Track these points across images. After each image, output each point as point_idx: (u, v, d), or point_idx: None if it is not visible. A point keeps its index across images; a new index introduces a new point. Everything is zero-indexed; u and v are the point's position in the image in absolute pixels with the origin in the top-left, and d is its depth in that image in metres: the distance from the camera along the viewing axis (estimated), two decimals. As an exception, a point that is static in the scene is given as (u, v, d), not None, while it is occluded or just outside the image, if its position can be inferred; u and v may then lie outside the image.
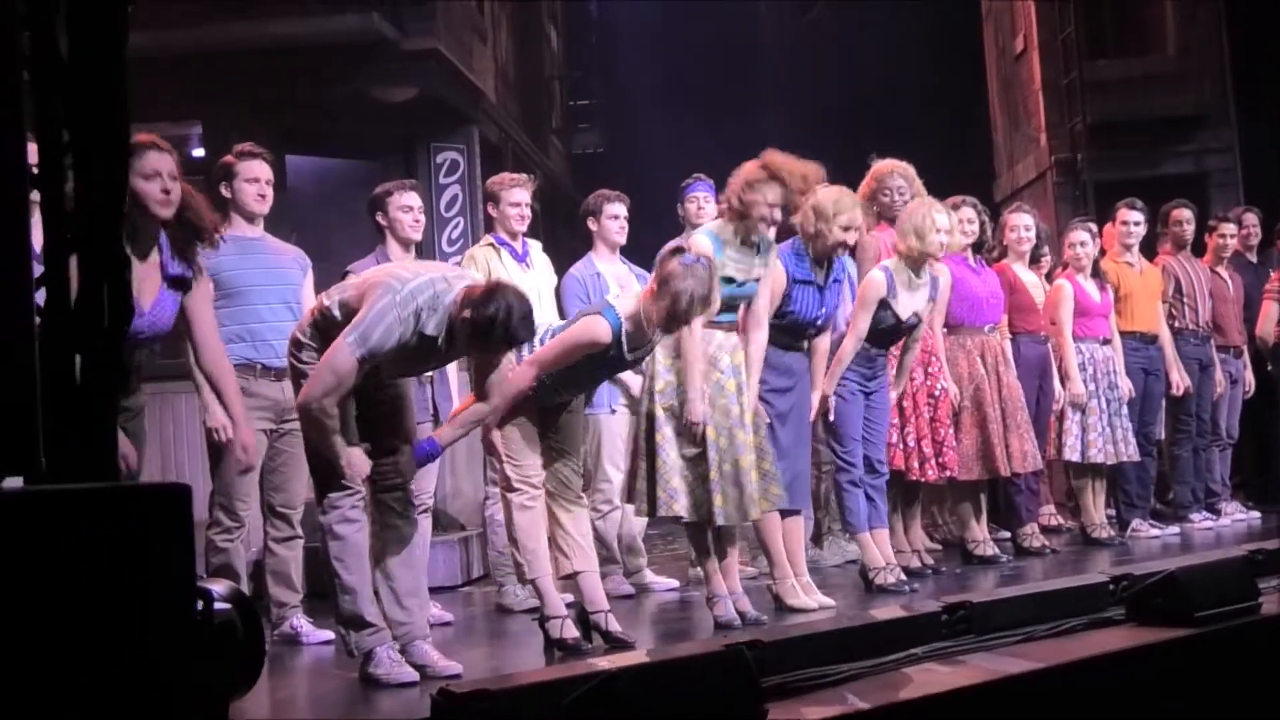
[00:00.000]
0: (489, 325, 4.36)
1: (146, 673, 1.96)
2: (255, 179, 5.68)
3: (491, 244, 6.55)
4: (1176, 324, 8.39)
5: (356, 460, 4.60)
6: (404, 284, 4.48)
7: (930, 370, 6.76)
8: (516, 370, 5.14)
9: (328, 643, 5.43)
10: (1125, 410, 7.78)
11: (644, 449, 5.48)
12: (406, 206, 6.18)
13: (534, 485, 5.23)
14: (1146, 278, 8.21)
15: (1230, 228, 8.88)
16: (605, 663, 4.14)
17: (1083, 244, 7.80)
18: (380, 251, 6.24)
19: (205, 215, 4.73)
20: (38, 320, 2.60)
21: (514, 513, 5.23)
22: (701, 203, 6.86)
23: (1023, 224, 7.69)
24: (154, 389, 7.09)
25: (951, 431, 6.79)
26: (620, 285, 6.36)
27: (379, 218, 6.24)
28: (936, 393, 6.74)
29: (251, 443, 5.05)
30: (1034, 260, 7.88)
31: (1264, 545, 6.61)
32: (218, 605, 2.33)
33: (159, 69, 8.02)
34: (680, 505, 5.40)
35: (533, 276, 6.36)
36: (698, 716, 3.66)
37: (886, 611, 5.25)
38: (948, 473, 6.77)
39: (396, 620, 4.65)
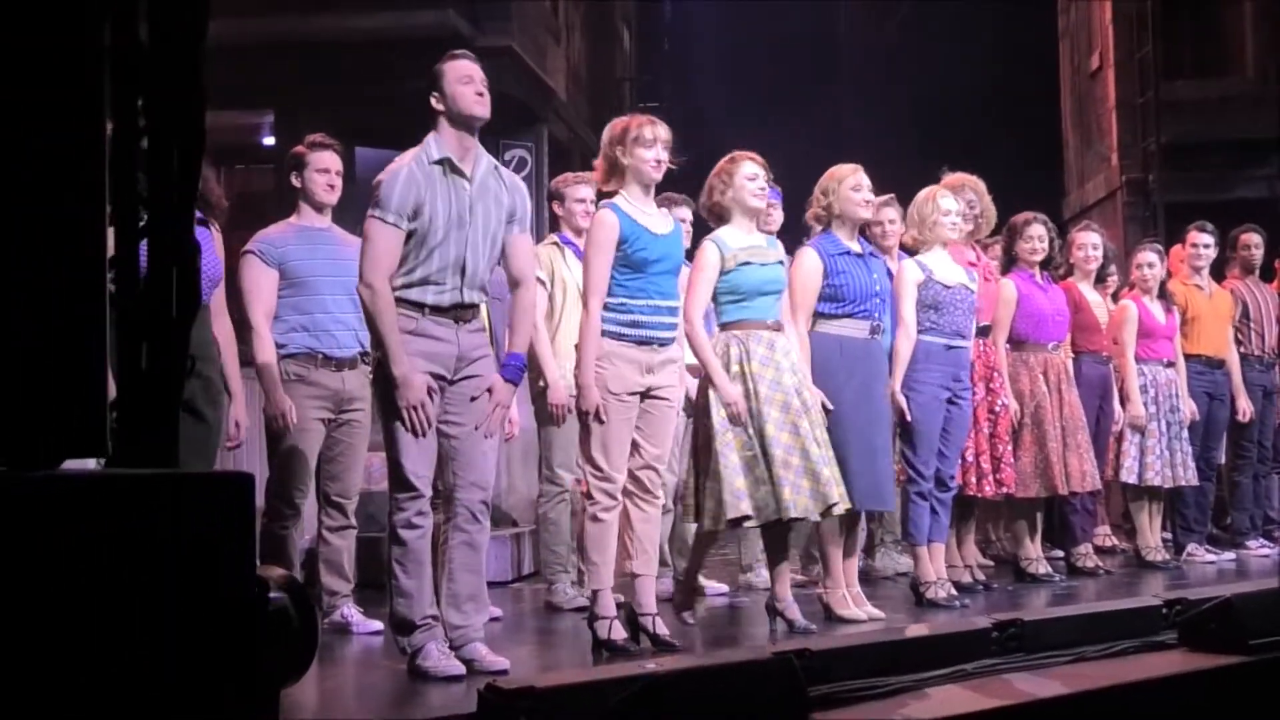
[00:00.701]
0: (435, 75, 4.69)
1: (205, 659, 1.99)
2: (325, 169, 5.72)
3: (556, 243, 6.57)
4: (1242, 349, 8.31)
5: (415, 382, 4.55)
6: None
7: (991, 386, 6.71)
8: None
9: (377, 633, 5.47)
10: (1185, 434, 7.72)
11: (703, 458, 5.42)
12: None
13: (613, 496, 5.13)
14: (1215, 301, 8.15)
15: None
16: (653, 665, 4.14)
17: (1150, 265, 7.75)
18: None
19: (211, 186, 4.86)
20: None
21: (588, 521, 5.19)
22: (769, 209, 6.82)
23: (1090, 242, 7.62)
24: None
25: (1010, 448, 6.75)
26: None
27: None
28: (997, 409, 6.69)
29: (244, 420, 5.21)
30: (1100, 280, 7.83)
31: (1321, 576, 6.55)
32: (272, 594, 2.36)
33: (234, 57, 8.11)
34: (746, 505, 5.30)
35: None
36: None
37: (937, 626, 5.23)
38: (1005, 489, 6.72)
39: (452, 623, 4.65)
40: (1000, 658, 4.92)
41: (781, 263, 5.63)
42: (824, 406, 5.60)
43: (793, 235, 7.00)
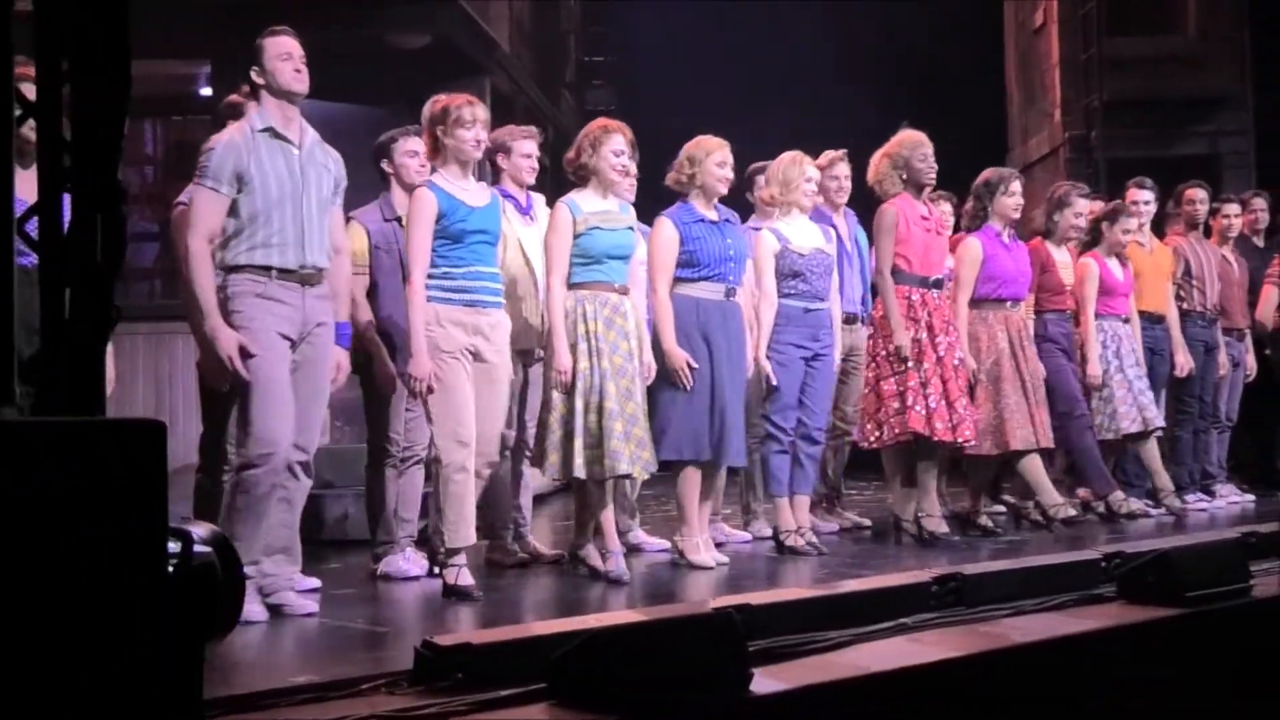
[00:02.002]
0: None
1: (114, 611, 1.94)
2: (287, 54, 5.12)
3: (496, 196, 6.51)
4: (1185, 305, 8.36)
5: (223, 337, 4.80)
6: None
7: (950, 339, 6.71)
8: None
9: (315, 590, 5.44)
10: (1147, 380, 7.81)
11: (545, 411, 5.82)
12: (412, 152, 6.16)
13: (466, 448, 5.40)
14: (1156, 257, 8.19)
15: (1234, 208, 8.84)
16: (593, 621, 4.12)
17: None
18: (385, 199, 6.22)
19: None
20: (33, 255, 2.57)
21: (442, 481, 5.42)
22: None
23: (1081, 211, 7.65)
24: (149, 329, 7.09)
25: (968, 403, 6.74)
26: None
27: (384, 164, 6.24)
28: (955, 363, 6.69)
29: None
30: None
31: (1258, 528, 6.59)
32: (197, 548, 2.30)
33: (169, 7, 7.96)
34: (578, 463, 5.68)
35: (537, 230, 6.32)
36: (683, 677, 3.64)
37: (876, 581, 5.23)
38: (964, 440, 6.69)
39: (266, 572, 4.94)
40: (939, 611, 4.94)
41: (631, 228, 5.95)
42: (689, 365, 5.95)
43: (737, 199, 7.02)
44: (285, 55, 5.03)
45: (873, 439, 6.72)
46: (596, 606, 5.21)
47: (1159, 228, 8.57)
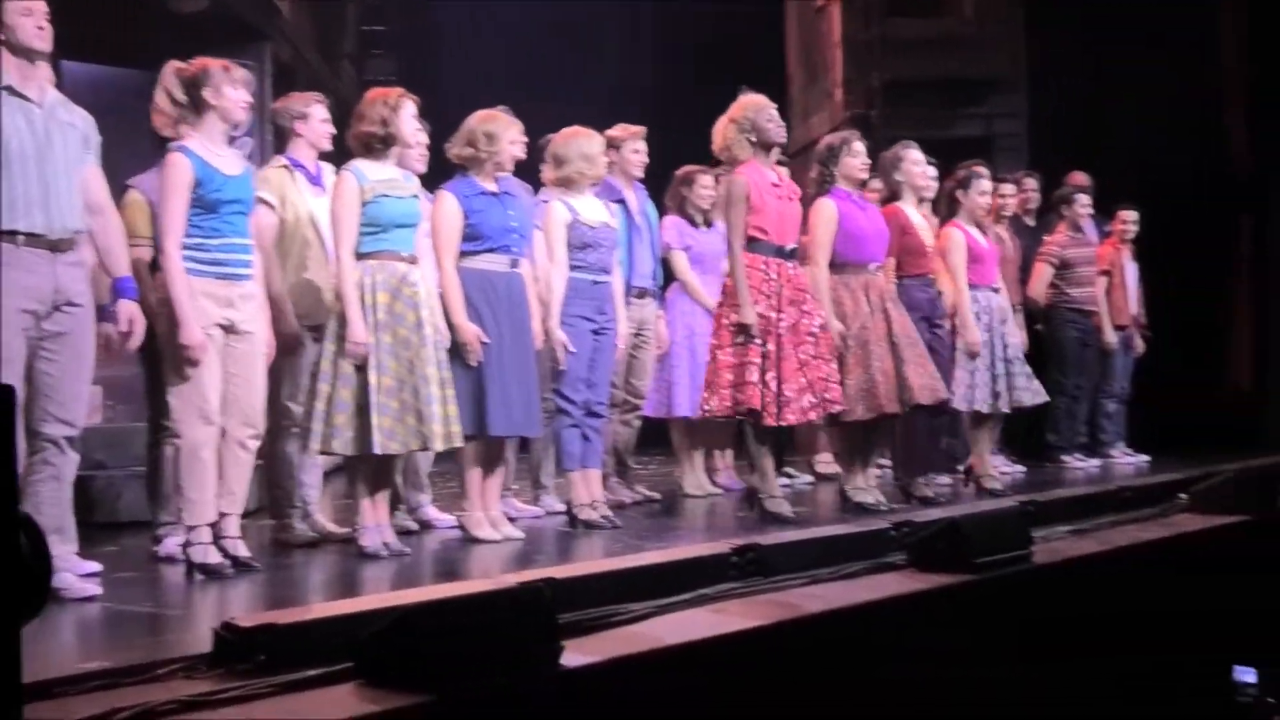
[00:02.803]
0: None
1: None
2: (29, 10, 4.89)
3: (285, 165, 6.34)
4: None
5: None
6: None
7: (805, 308, 6.51)
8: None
9: (95, 574, 5.23)
10: (1019, 356, 7.92)
11: (315, 383, 5.69)
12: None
13: (211, 425, 5.30)
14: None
15: (1009, 188, 9.09)
16: (396, 599, 4.05)
17: (982, 193, 7.91)
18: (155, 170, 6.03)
19: None
20: None
21: (183, 457, 5.31)
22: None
23: (918, 159, 7.56)
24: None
25: (836, 368, 6.56)
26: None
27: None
28: (815, 330, 6.50)
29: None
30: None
31: (1035, 497, 6.85)
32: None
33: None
34: (340, 439, 5.60)
35: (327, 201, 6.17)
36: (494, 653, 3.60)
37: (677, 552, 5.27)
38: (833, 408, 6.55)
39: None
40: (739, 581, 5.00)
41: (417, 196, 5.89)
42: (480, 339, 5.92)
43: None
44: (27, 10, 4.80)
45: (704, 408, 6.60)
46: (395, 584, 5.13)
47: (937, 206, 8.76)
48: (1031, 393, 7.92)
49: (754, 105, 6.64)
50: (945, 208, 7.93)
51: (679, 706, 4.02)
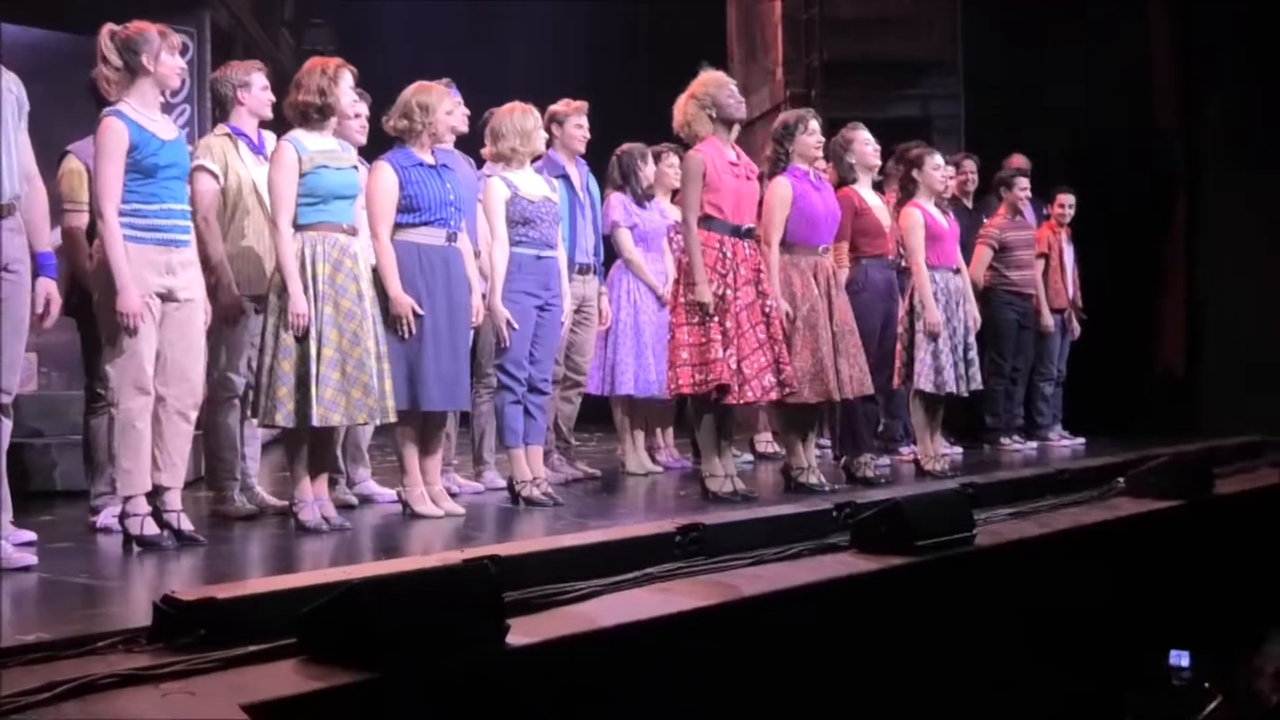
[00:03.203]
0: None
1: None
2: None
3: (227, 134, 6.28)
4: (902, 263, 8.57)
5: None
6: None
7: (761, 288, 6.46)
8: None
9: (30, 544, 5.16)
10: (973, 340, 7.86)
11: (264, 356, 5.63)
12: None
13: (146, 395, 5.23)
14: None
15: (948, 170, 9.12)
16: (340, 574, 4.00)
17: (937, 169, 7.92)
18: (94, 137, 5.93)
19: None
20: None
21: (119, 428, 5.24)
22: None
23: (866, 138, 7.50)
24: None
25: (785, 350, 6.50)
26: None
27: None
28: (768, 310, 6.45)
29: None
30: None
31: (975, 479, 6.88)
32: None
33: None
34: (282, 412, 5.54)
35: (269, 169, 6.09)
36: (439, 630, 3.56)
37: (622, 530, 5.25)
38: (788, 390, 6.48)
39: None
40: (684, 561, 4.98)
41: (355, 167, 5.86)
42: (414, 311, 5.88)
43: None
44: None
45: (670, 386, 6.51)
46: (337, 559, 5.07)
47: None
48: (975, 381, 7.92)
49: (714, 81, 6.59)
50: (901, 189, 7.93)
51: (626, 686, 4.01)
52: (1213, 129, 11.00)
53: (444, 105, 6.14)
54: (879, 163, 7.71)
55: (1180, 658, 6.55)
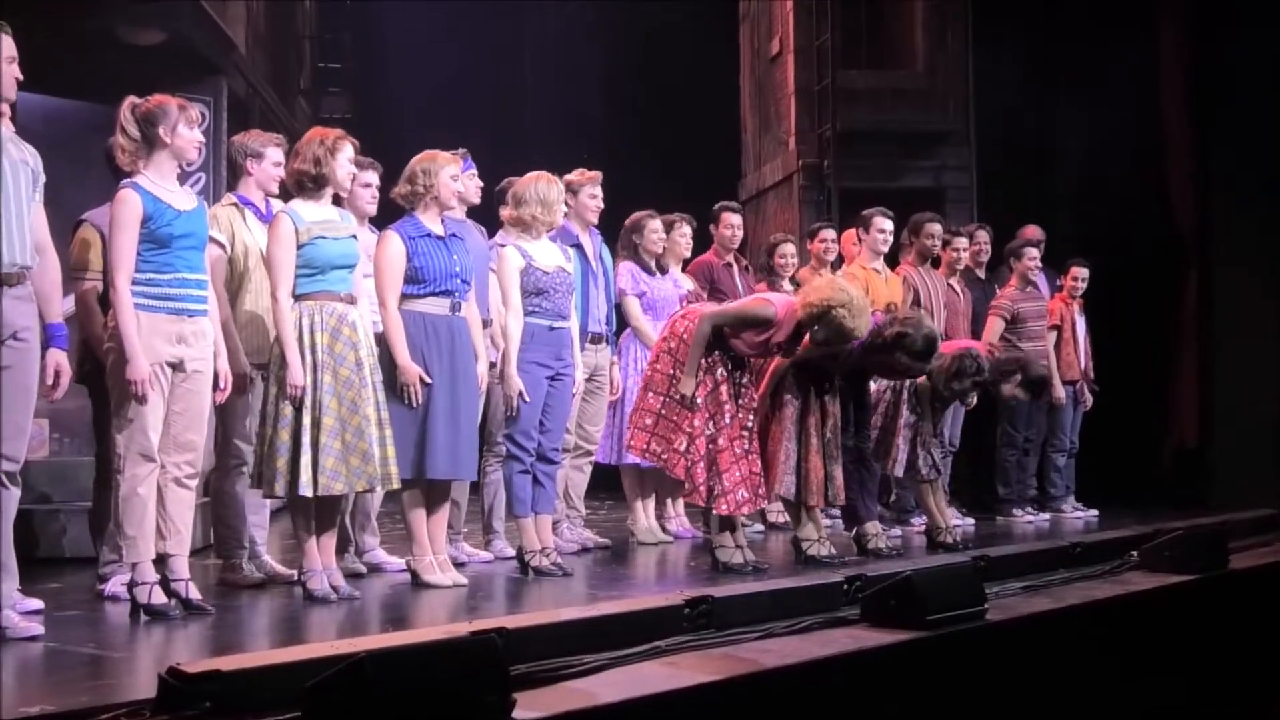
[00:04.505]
0: None
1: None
2: (12, 58, 4.93)
3: (235, 203, 6.33)
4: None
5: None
6: None
7: (741, 402, 6.52)
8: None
9: (37, 611, 5.14)
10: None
11: (265, 428, 5.65)
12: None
13: (151, 462, 5.24)
14: (891, 286, 8.41)
15: (963, 242, 9.17)
16: (346, 646, 3.97)
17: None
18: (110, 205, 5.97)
19: None
20: None
21: (124, 495, 5.23)
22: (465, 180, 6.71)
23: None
24: None
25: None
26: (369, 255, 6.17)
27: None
28: (750, 424, 6.54)
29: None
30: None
31: (987, 552, 6.84)
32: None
33: None
34: (279, 484, 5.57)
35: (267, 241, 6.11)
36: (446, 703, 3.54)
37: (630, 603, 5.22)
38: (763, 504, 6.78)
39: None
40: (692, 634, 4.95)
41: (354, 236, 5.87)
42: (421, 379, 5.91)
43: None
44: (12, 59, 4.82)
45: (627, 443, 6.64)
46: (344, 629, 5.06)
47: (890, 259, 8.81)
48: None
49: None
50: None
51: (632, 762, 3.97)
52: (1226, 198, 11.01)
53: (447, 171, 6.14)
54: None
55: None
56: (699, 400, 6.34)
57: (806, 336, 6.39)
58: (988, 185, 12.32)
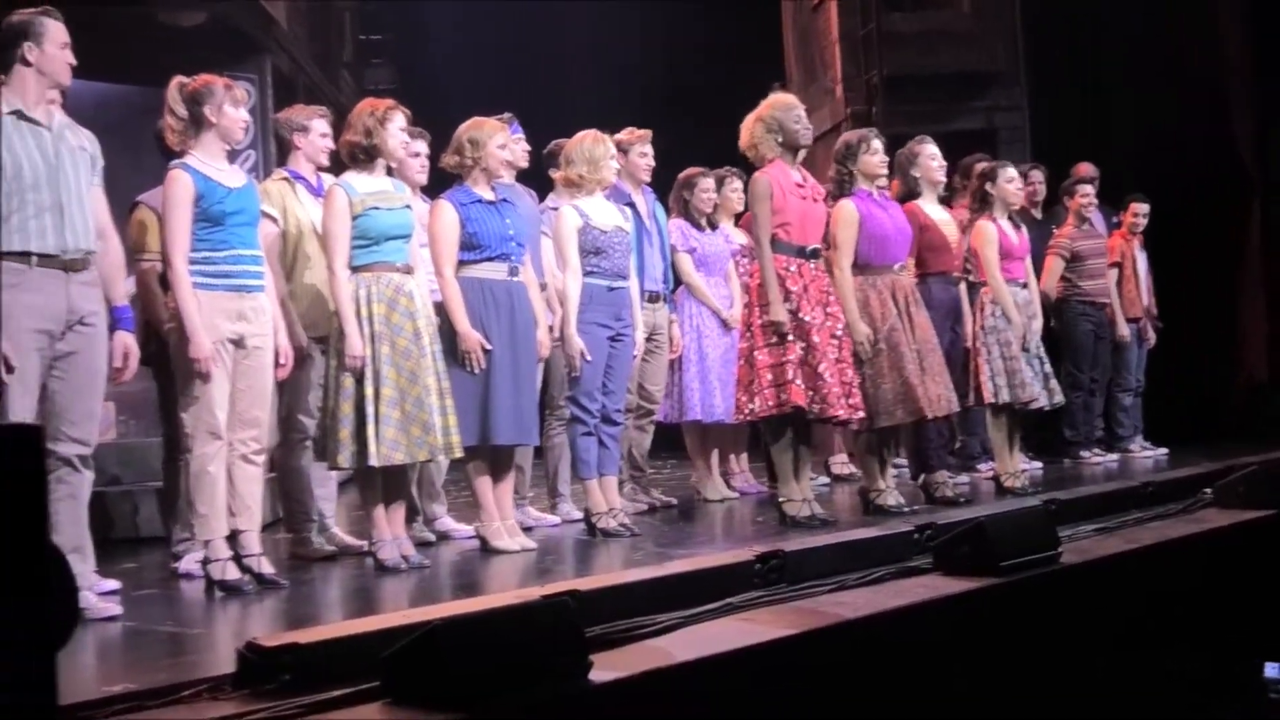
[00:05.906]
0: None
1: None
2: (66, 44, 4.92)
3: (286, 178, 6.34)
4: (971, 277, 8.47)
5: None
6: None
7: (830, 310, 6.41)
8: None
9: (114, 592, 5.18)
10: (1044, 353, 7.78)
11: (330, 400, 5.67)
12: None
13: (219, 439, 5.28)
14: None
15: (1020, 182, 9.02)
16: (420, 614, 3.97)
17: (1010, 181, 7.82)
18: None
19: None
20: None
21: (194, 473, 5.28)
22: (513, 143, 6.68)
23: (932, 153, 7.45)
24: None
25: (855, 373, 6.45)
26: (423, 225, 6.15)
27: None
28: (839, 333, 6.40)
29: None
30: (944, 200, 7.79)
31: (1057, 495, 6.77)
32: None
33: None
34: (344, 455, 5.60)
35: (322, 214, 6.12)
36: (523, 669, 3.53)
37: (701, 560, 5.20)
38: (859, 414, 6.44)
39: None
40: (764, 590, 4.92)
41: (409, 206, 5.86)
42: (482, 346, 5.89)
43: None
44: (65, 44, 4.83)
45: (746, 411, 6.42)
46: (416, 598, 5.07)
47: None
48: (1056, 394, 7.83)
49: (782, 105, 6.53)
50: (977, 202, 7.85)
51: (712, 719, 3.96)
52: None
53: (495, 140, 6.12)
54: (944, 179, 7.62)
55: (1274, 669, 6.40)
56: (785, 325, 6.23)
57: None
58: (1041, 125, 12.14)
